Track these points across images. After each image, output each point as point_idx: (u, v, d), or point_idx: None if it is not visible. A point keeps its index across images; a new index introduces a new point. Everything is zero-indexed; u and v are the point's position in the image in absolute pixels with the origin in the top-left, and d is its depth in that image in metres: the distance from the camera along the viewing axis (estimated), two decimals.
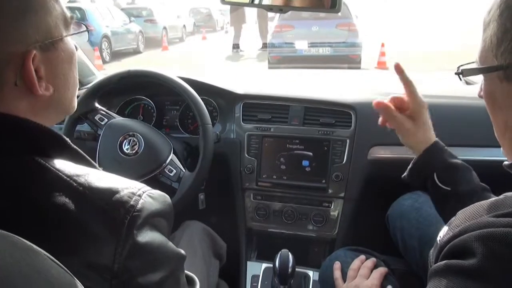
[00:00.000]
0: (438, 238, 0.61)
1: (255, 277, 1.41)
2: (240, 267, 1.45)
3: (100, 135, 1.34)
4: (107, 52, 10.49)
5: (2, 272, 0.43)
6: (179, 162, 1.27)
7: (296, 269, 1.38)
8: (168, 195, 0.71)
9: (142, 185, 0.66)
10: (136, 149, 1.24)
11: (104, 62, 9.48)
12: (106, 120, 1.33)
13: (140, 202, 0.61)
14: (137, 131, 1.27)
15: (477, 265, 0.48)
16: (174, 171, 1.25)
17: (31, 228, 0.55)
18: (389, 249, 1.21)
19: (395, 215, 1.26)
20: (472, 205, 0.58)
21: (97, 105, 1.35)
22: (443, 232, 0.60)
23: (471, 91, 0.86)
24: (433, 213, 1.15)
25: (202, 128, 1.25)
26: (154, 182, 1.23)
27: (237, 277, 1.42)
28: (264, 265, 1.43)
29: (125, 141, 1.25)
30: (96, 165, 0.68)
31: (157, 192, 0.68)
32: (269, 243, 1.51)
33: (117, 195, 0.60)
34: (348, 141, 1.40)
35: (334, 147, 1.40)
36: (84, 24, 0.76)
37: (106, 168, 1.20)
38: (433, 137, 0.97)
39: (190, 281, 0.81)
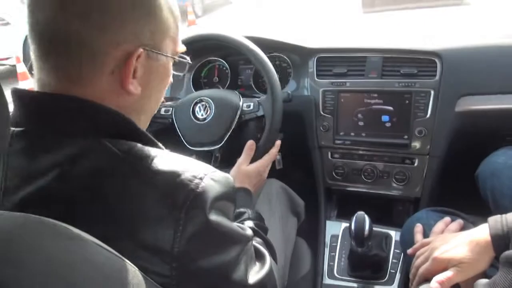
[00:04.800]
0: None
1: (334, 237, 1.38)
2: (319, 226, 1.43)
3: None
4: (199, 6, 10.59)
5: (48, 264, 0.44)
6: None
7: (378, 229, 1.35)
8: None
9: (207, 167, 0.65)
10: (208, 112, 1.24)
11: (197, 16, 9.62)
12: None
13: (201, 185, 0.61)
14: (204, 95, 1.27)
15: None
16: None
17: (92, 211, 0.57)
18: (478, 210, 1.11)
19: (486, 173, 1.14)
20: None
21: None
22: None
23: None
24: None
25: (270, 89, 1.21)
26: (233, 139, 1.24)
27: (316, 236, 1.41)
28: (343, 225, 1.40)
29: (197, 107, 1.25)
30: (163, 147, 0.68)
31: (220, 174, 0.67)
32: (349, 202, 1.47)
33: (178, 178, 0.60)
34: (432, 92, 1.28)
35: (417, 99, 1.29)
36: (187, 60, 0.77)
37: (187, 137, 1.24)
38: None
39: (261, 256, 0.80)
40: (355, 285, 1.27)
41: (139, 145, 0.62)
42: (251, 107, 1.22)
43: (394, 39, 1.43)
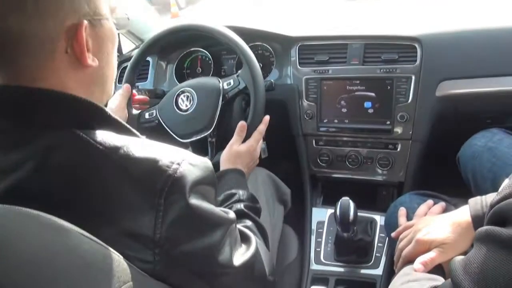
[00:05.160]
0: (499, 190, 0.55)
1: (320, 223, 1.40)
2: (305, 213, 1.44)
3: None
4: None
5: (32, 254, 0.45)
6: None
7: (363, 214, 1.36)
8: None
9: (184, 152, 0.66)
10: (192, 101, 1.24)
11: (180, 8, 9.50)
12: None
13: (179, 170, 0.61)
14: (184, 86, 1.26)
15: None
16: None
17: (69, 202, 0.57)
18: (460, 192, 1.13)
19: (466, 156, 1.16)
20: None
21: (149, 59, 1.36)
22: (503, 185, 0.54)
23: None
24: (510, 153, 1.05)
25: (244, 60, 1.20)
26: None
27: (302, 223, 1.42)
28: (329, 211, 1.41)
29: (179, 99, 1.25)
30: (138, 134, 0.68)
31: (198, 159, 0.67)
32: (334, 188, 1.48)
33: (156, 165, 0.60)
34: (413, 77, 1.29)
35: (398, 85, 1.30)
36: (126, 16, 0.77)
37: (176, 131, 1.24)
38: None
39: (246, 239, 0.81)
40: (341, 269, 1.29)
41: (113, 133, 0.62)
42: (232, 83, 1.22)
43: (375, 26, 1.43)
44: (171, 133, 1.24)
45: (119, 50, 1.74)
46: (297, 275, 1.31)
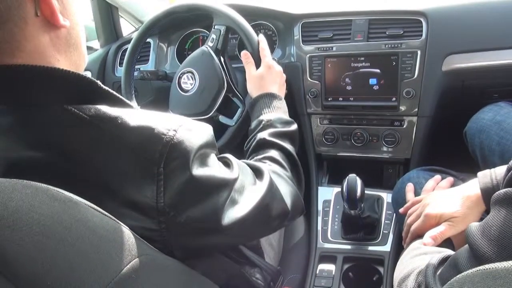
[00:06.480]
0: None
1: (326, 202, 1.40)
2: (311, 192, 1.44)
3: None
4: None
5: (43, 225, 0.44)
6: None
7: (370, 192, 1.36)
8: None
9: (181, 118, 0.65)
10: (193, 84, 1.23)
11: None
12: None
13: (175, 136, 0.60)
14: (192, 66, 1.25)
15: None
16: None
17: (69, 178, 0.57)
18: (468, 167, 1.12)
19: (474, 130, 1.15)
20: None
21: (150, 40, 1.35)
22: None
23: None
24: None
25: (223, 14, 1.20)
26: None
27: (309, 202, 1.42)
28: (335, 190, 1.40)
29: (183, 77, 1.24)
30: (132, 104, 0.67)
31: (195, 123, 0.66)
32: (340, 167, 1.47)
33: (152, 132, 0.59)
34: (419, 52, 1.27)
35: (403, 60, 1.28)
36: None
37: (173, 108, 1.23)
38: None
39: (259, 173, 0.79)
40: (349, 247, 1.29)
41: (106, 106, 0.61)
42: (214, 36, 1.23)
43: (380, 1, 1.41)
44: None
45: (119, 33, 1.72)
46: (305, 253, 1.31)
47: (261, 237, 0.97)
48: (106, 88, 0.64)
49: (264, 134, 0.95)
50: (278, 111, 1.04)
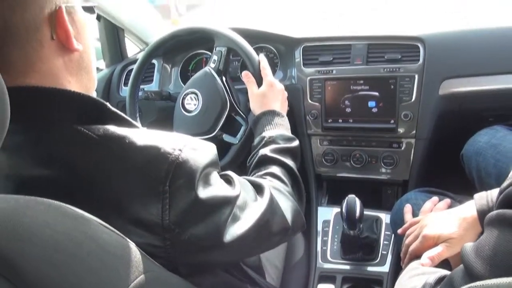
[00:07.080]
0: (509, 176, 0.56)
1: (326, 222, 1.41)
2: (311, 213, 1.46)
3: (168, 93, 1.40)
4: (183, 5, 10.51)
5: (56, 240, 0.46)
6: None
7: (368, 212, 1.38)
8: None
9: (186, 138, 0.67)
10: (197, 105, 1.25)
11: (180, 15, 9.52)
12: None
13: (181, 156, 0.62)
14: (195, 87, 1.28)
15: None
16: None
17: (80, 196, 0.59)
18: (465, 189, 1.14)
19: (470, 153, 1.17)
20: None
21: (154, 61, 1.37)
22: None
23: None
24: None
25: (224, 36, 1.23)
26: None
27: (309, 222, 1.43)
28: (335, 210, 1.42)
29: (187, 97, 1.27)
30: (138, 125, 0.69)
31: (200, 143, 0.68)
32: (339, 188, 1.49)
33: (158, 152, 0.62)
34: (416, 76, 1.31)
35: (402, 84, 1.32)
36: (93, 4, 0.79)
37: (177, 128, 1.25)
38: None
39: (259, 190, 0.80)
40: (348, 267, 1.31)
41: (114, 126, 0.63)
42: (215, 57, 1.25)
43: (378, 27, 1.45)
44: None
45: (124, 53, 1.76)
46: (305, 273, 1.32)
47: (262, 252, 0.99)
48: (114, 109, 0.67)
49: (266, 150, 0.97)
50: (280, 128, 1.06)
